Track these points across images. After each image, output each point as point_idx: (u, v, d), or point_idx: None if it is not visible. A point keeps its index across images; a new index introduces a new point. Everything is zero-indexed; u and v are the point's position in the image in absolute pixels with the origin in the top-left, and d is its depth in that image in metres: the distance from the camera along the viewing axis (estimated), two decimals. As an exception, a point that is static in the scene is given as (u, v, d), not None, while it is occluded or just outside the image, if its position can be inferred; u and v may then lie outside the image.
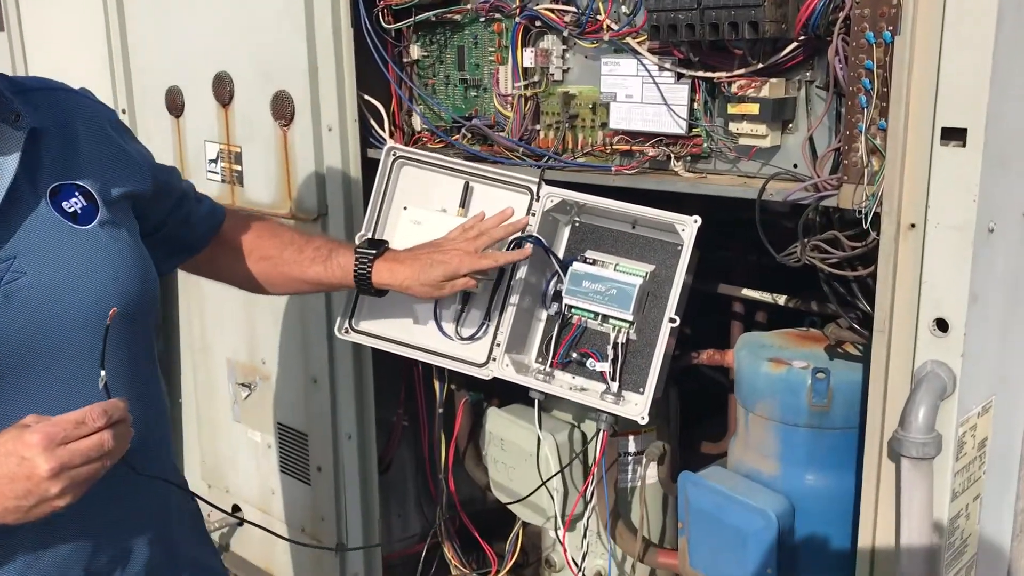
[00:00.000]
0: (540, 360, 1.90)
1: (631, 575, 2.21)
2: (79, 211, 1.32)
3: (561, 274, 1.86)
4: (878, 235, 1.41)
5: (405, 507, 2.56)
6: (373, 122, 2.16)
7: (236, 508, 2.76)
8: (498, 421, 2.20)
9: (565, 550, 2.08)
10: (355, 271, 1.74)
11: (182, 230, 1.62)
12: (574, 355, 1.86)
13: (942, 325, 1.34)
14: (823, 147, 1.57)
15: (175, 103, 2.58)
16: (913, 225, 1.36)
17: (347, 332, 1.96)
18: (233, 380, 2.64)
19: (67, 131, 1.36)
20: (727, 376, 2.08)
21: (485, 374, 1.87)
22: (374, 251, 1.76)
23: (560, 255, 1.89)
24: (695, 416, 2.31)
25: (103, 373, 1.22)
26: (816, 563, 1.83)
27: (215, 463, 2.79)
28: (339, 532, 2.41)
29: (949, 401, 1.34)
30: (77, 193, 1.33)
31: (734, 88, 1.62)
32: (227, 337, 2.63)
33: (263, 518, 2.66)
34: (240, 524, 2.74)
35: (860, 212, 1.42)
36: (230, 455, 2.72)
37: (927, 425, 1.29)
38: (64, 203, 1.31)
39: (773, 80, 1.59)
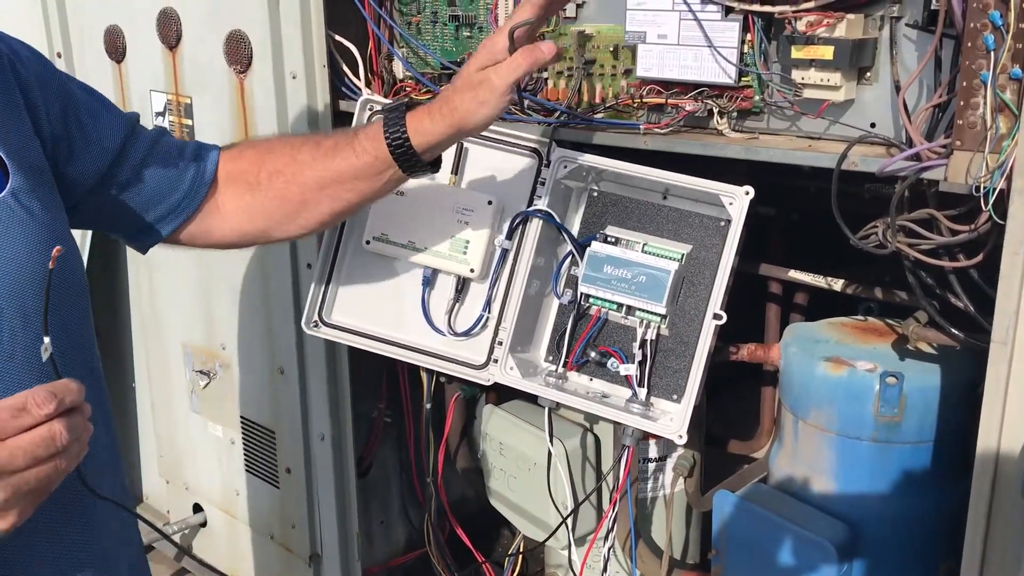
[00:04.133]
0: (551, 360, 1.58)
1: (652, 599, 1.92)
2: None
3: (577, 256, 1.53)
4: (1000, 218, 1.08)
5: (388, 514, 2.26)
6: (346, 68, 1.79)
7: (197, 508, 2.45)
8: (497, 422, 1.90)
9: (582, 574, 1.79)
10: (387, 137, 1.27)
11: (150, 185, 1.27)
12: (592, 354, 1.54)
13: (1090, 336, 1.02)
14: (915, 102, 1.24)
15: (115, 46, 2.20)
16: (1053, 206, 1.04)
17: (316, 326, 1.63)
18: (190, 366, 2.31)
19: None
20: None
21: (484, 378, 1.56)
22: (398, 108, 1.30)
23: (575, 232, 1.55)
24: (715, 400, 2.01)
25: (47, 340, 0.88)
26: (880, 601, 1.54)
27: (173, 457, 2.47)
28: (312, 541, 2.11)
29: (1097, 437, 1.04)
30: None
31: (801, 26, 1.28)
32: (181, 317, 2.29)
33: (227, 521, 2.35)
34: (203, 525, 2.43)
35: (977, 188, 1.09)
36: (189, 449, 2.40)
37: (1073, 471, 0.99)
38: None
39: (851, 16, 1.25)
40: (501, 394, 1.97)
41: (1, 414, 0.81)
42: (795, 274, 1.64)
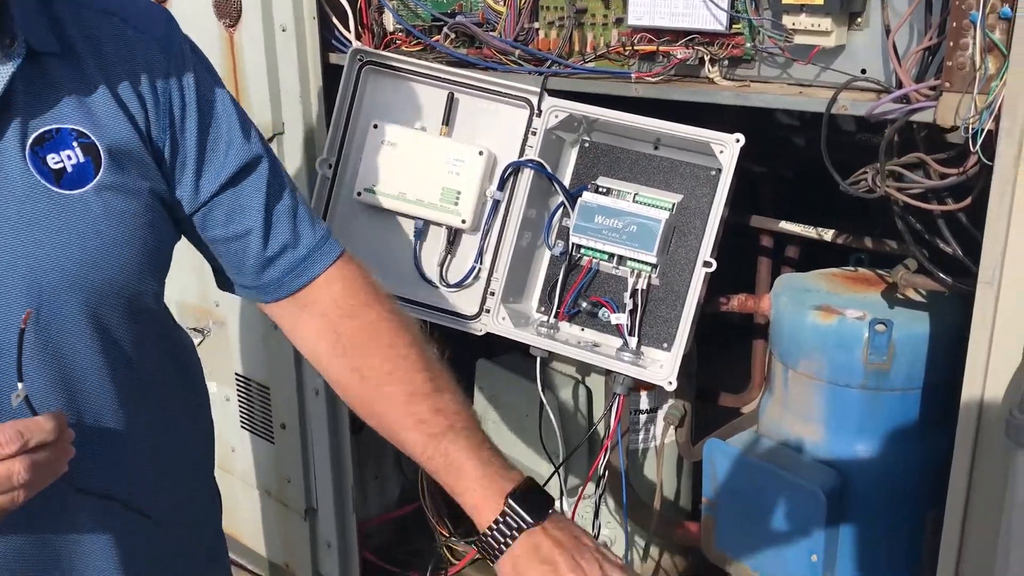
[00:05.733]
0: (543, 311, 1.59)
1: (645, 550, 1.94)
2: (69, 168, 0.98)
3: (568, 206, 1.53)
4: (989, 159, 1.09)
5: (383, 469, 2.27)
6: (336, 20, 1.78)
7: (193, 465, 2.46)
8: (490, 374, 1.91)
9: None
10: (484, 535, 1.03)
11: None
12: (584, 304, 1.55)
13: (1076, 276, 1.03)
14: (905, 46, 1.24)
15: (102, 1, 2.18)
16: (1041, 146, 1.04)
17: (308, 278, 1.63)
18: (184, 324, 2.30)
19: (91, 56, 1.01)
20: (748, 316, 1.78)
21: (477, 329, 1.56)
22: (528, 519, 1.01)
23: (566, 183, 1.55)
24: (705, 353, 2.02)
25: (20, 387, 0.93)
26: (866, 548, 1.56)
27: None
28: (308, 495, 2.12)
29: (1081, 376, 1.05)
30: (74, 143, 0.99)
31: (792, -29, 1.27)
32: (174, 275, 2.27)
33: (223, 477, 2.36)
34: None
35: (966, 129, 1.09)
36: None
37: (1056, 407, 1.00)
38: (50, 156, 0.97)
39: (842, -41, 1.25)
40: (493, 348, 1.98)
41: None
42: (786, 225, 1.64)
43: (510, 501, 1.02)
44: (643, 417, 1.88)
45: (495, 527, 1.02)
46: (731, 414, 1.89)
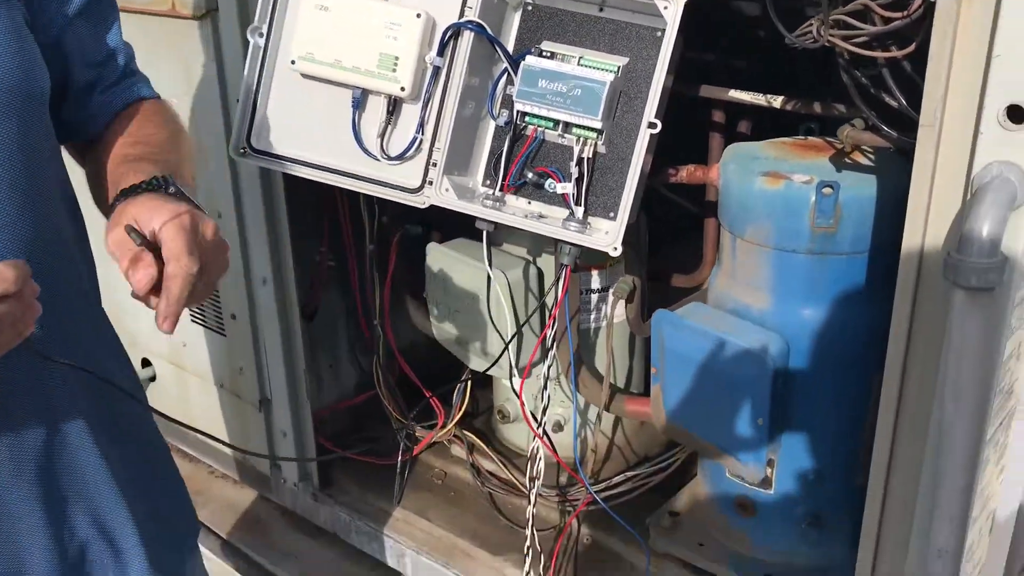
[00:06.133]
0: (488, 184, 1.55)
1: (595, 424, 1.96)
2: None
3: (512, 72, 1.49)
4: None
5: (337, 358, 2.26)
6: None
7: (145, 362, 2.44)
8: (440, 258, 1.88)
9: (522, 403, 1.81)
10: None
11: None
12: (529, 175, 1.52)
13: (1016, 114, 1.01)
14: None
15: None
16: (984, -19, 1.01)
17: (244, 152, 1.57)
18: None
19: None
20: (701, 201, 1.77)
21: (420, 201, 1.53)
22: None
23: (509, 49, 1.51)
24: (662, 246, 2.02)
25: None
26: (811, 411, 1.58)
27: (117, 315, 2.42)
28: (261, 386, 2.11)
29: (1018, 213, 1.04)
30: None
31: None
32: (115, 167, 2.22)
33: (176, 373, 2.35)
34: (153, 379, 2.43)
35: (910, -33, 1.06)
36: (131, 304, 2.35)
37: (992, 245, 1.00)
38: None
39: None
40: (445, 233, 1.96)
41: None
42: (735, 94, 1.61)
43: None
44: (594, 297, 1.88)
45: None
46: (684, 293, 1.89)
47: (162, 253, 1.01)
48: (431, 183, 1.51)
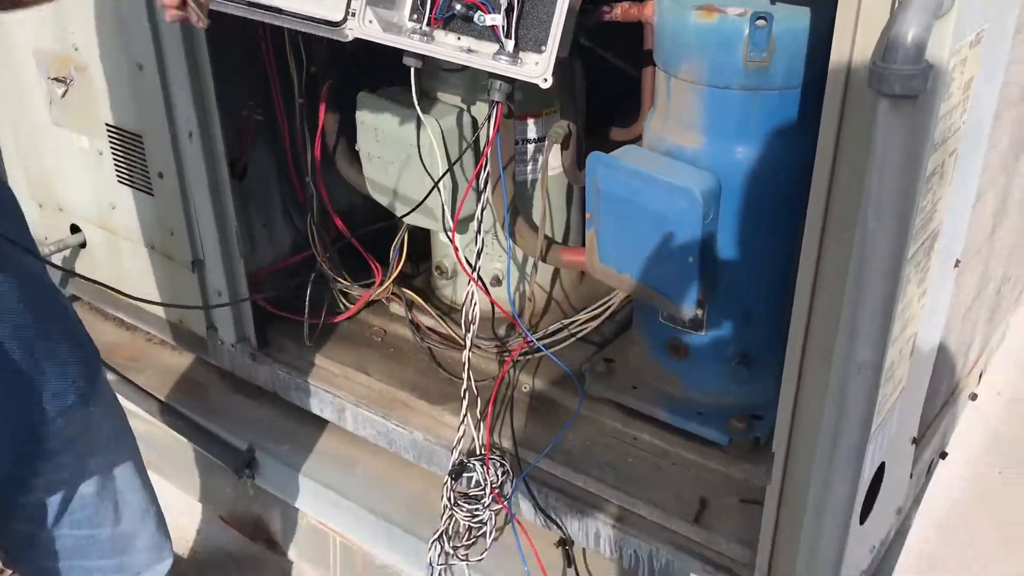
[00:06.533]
0: (415, 18, 1.49)
1: (532, 276, 1.96)
2: None
3: None
4: None
5: (271, 218, 2.21)
6: None
7: (75, 229, 2.37)
8: (370, 107, 1.83)
9: (458, 254, 1.80)
10: None
11: None
12: (458, 7, 1.45)
13: (946, -86, 0.99)
14: None
15: None
16: None
17: (157, -16, 1.48)
18: (45, 74, 2.15)
19: None
20: (639, 61, 1.72)
21: (344, 35, 1.46)
22: None
23: None
24: (601, 106, 1.98)
25: None
26: (743, 250, 1.59)
27: (42, 178, 2.36)
28: (193, 246, 2.06)
29: (944, 21, 1.03)
30: None
31: None
32: (26, 21, 2.10)
33: (106, 237, 2.29)
34: (83, 246, 2.36)
35: None
36: (56, 166, 2.29)
37: (917, 51, 0.98)
38: None
39: None
40: (375, 81, 1.90)
41: None
42: (671, -75, 1.55)
43: None
44: (530, 147, 1.85)
45: None
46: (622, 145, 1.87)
47: None
48: (354, 14, 1.45)
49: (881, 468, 1.42)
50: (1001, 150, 1.52)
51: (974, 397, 2.16)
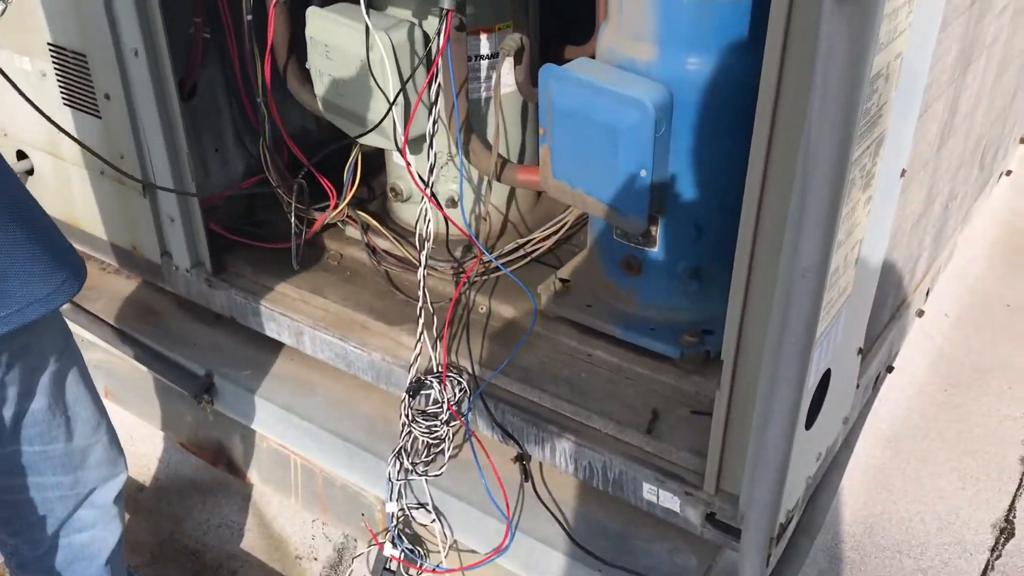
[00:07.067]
0: (361, -76, 1.46)
1: (487, 196, 1.96)
2: None
3: None
4: None
5: (222, 142, 2.18)
6: None
7: (21, 155, 2.31)
8: (320, 22, 1.79)
9: (412, 173, 1.78)
10: None
11: None
12: (404, -88, 1.43)
13: None
14: None
15: None
16: None
17: None
18: (-18, -7, 2.07)
19: None
20: None
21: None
22: None
23: None
24: (557, 25, 1.96)
25: None
26: (695, 165, 1.59)
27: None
28: (143, 170, 2.02)
29: (889, -85, 1.02)
30: None
31: None
32: (-39, -65, 2.02)
33: (54, 163, 2.24)
34: (30, 173, 2.31)
35: None
36: (1, 96, 2.22)
37: (861, -55, 0.98)
38: None
39: None
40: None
41: None
42: None
43: None
44: (483, 64, 1.83)
45: None
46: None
47: None
48: (299, -78, 1.41)
49: (827, 375, 1.45)
50: (949, 62, 1.52)
51: (920, 314, 2.21)
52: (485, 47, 1.80)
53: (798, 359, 1.26)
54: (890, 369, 2.01)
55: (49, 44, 2.02)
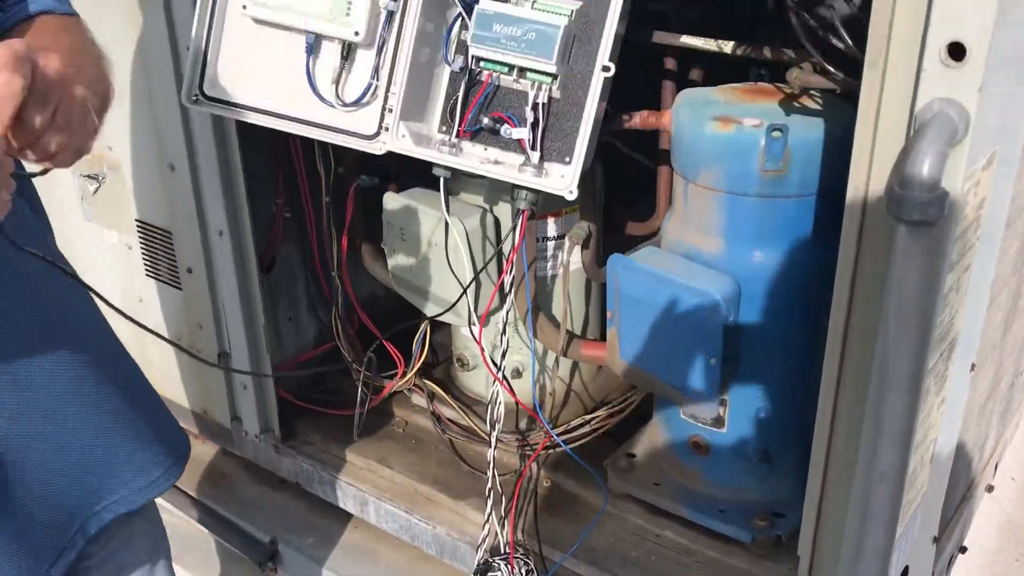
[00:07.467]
0: (444, 130, 1.56)
1: (553, 370, 2.00)
2: None
3: (465, 16, 1.48)
4: (876, -63, 1.08)
5: (296, 310, 2.26)
6: None
7: (101, 319, 2.41)
8: (396, 206, 1.88)
9: (481, 348, 1.83)
10: None
11: None
12: (485, 121, 1.52)
13: (957, 52, 1.04)
14: None
15: None
16: (926, -82, 1.04)
17: (197, 100, 1.56)
18: (77, 172, 2.22)
19: None
20: (655, 155, 1.79)
21: (377, 148, 1.53)
22: None
23: (462, -8, 1.51)
24: (617, 197, 2.04)
25: None
26: (762, 351, 1.63)
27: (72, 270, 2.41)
28: (220, 340, 2.10)
29: (958, 149, 1.08)
30: None
31: None
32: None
33: (132, 329, 2.32)
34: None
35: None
36: (87, 259, 2.34)
37: (932, 180, 1.03)
38: None
39: None
40: (401, 183, 1.96)
41: None
42: (687, 39, 1.63)
43: None
44: (551, 244, 1.90)
45: None
46: (639, 240, 1.92)
47: None
48: (387, 129, 1.51)
49: (905, 572, 1.43)
50: (1011, 255, 1.56)
51: (990, 489, 2.17)
52: (552, 229, 1.88)
53: (878, 564, 1.25)
54: (963, 550, 1.97)
55: (137, 220, 2.14)
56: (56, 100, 0.95)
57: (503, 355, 1.67)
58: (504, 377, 1.78)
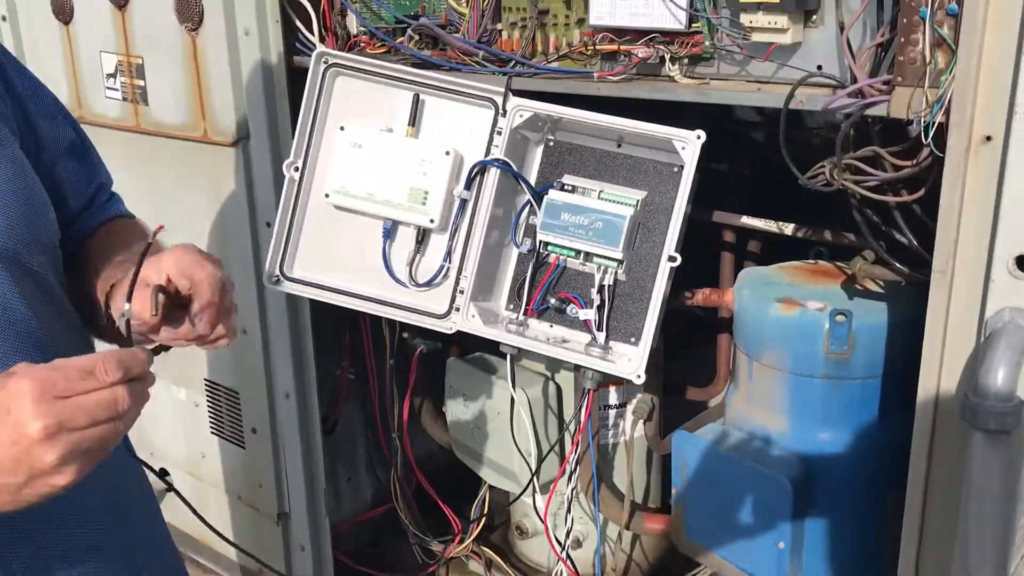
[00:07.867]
0: (512, 308, 1.60)
1: (616, 542, 1.97)
2: None
3: (535, 204, 1.55)
4: (940, 151, 1.12)
5: (355, 470, 2.28)
6: (299, 23, 1.79)
7: (163, 472, 2.44)
8: (460, 374, 1.92)
9: (545, 521, 1.82)
10: None
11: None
12: (552, 301, 1.57)
13: (1025, 264, 1.07)
14: (859, 43, 1.27)
15: (62, 6, 2.16)
16: (989, 138, 1.08)
17: (277, 281, 1.63)
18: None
19: None
20: (710, 310, 1.81)
21: (447, 327, 1.57)
22: None
23: (532, 181, 1.57)
24: (673, 352, 2.06)
25: (127, 307, 1.00)
26: (832, 533, 1.60)
27: (138, 423, 2.46)
28: (280, 499, 2.12)
29: (1032, 358, 1.08)
30: None
31: (748, -30, 1.30)
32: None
33: (194, 484, 2.36)
34: (168, 490, 2.43)
35: (919, 123, 1.12)
36: (153, 414, 2.39)
37: (1008, 390, 1.04)
38: None
39: (796, -41, 1.28)
40: (464, 348, 2.00)
41: (70, 373, 0.84)
42: (747, 220, 1.68)
43: None
44: (612, 412, 1.91)
45: None
46: (698, 408, 1.92)
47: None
48: (458, 309, 1.56)
49: None
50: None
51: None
52: (614, 398, 1.89)
53: None
54: None
55: (205, 380, 2.20)
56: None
57: (567, 534, 1.65)
58: (570, 561, 1.76)
